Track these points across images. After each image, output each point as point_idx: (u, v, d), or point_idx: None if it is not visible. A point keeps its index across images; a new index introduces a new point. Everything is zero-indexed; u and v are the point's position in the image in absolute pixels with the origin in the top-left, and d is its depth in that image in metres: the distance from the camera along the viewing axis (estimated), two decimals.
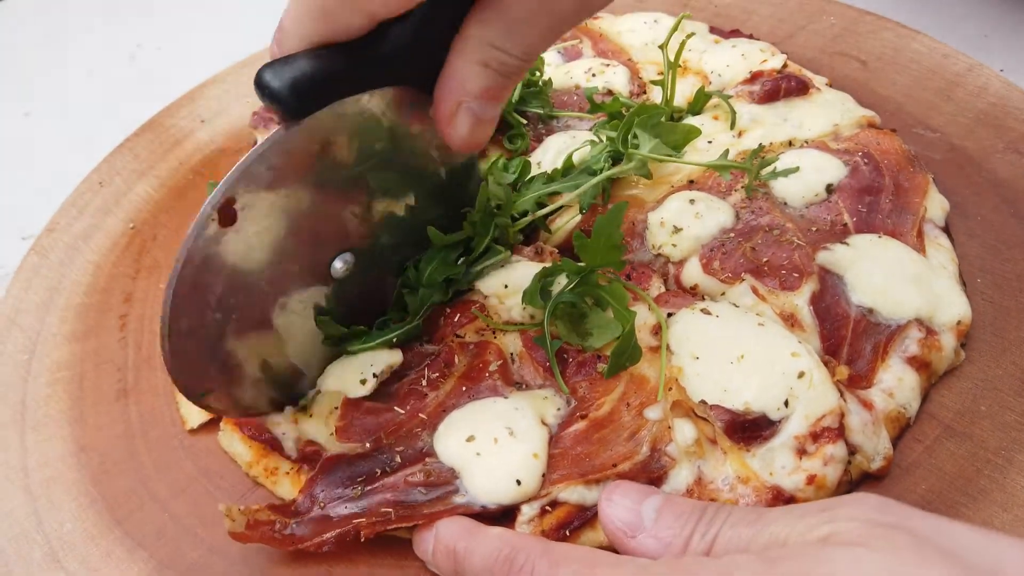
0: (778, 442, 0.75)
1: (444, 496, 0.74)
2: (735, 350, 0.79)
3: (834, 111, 1.07)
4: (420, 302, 0.86)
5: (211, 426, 0.89)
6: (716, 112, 1.10)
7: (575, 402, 0.81)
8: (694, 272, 0.92)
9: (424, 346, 0.87)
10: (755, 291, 0.88)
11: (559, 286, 0.85)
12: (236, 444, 0.85)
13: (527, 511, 0.73)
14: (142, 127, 1.27)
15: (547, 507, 0.74)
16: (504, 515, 0.74)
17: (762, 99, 1.09)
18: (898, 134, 1.05)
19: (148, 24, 1.71)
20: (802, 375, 0.77)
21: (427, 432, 0.79)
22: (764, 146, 1.02)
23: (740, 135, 1.06)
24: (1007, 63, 1.24)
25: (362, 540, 0.73)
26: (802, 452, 0.75)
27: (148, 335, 1.00)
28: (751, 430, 0.76)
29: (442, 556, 0.70)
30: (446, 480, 0.75)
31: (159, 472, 0.86)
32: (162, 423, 0.91)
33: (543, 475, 0.75)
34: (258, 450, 0.84)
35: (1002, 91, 1.12)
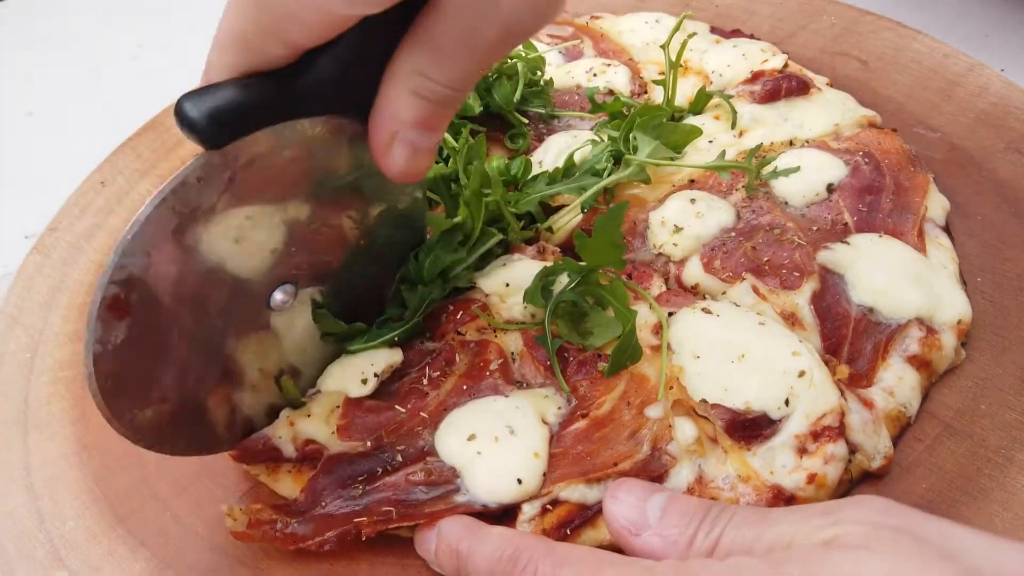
0: (779, 441, 0.75)
1: (445, 495, 0.74)
2: (736, 349, 0.80)
3: (835, 111, 1.07)
4: (420, 299, 0.86)
5: None
6: (717, 112, 1.10)
7: (576, 401, 0.81)
8: (695, 271, 0.92)
9: (425, 344, 0.87)
10: (756, 290, 0.88)
11: (560, 285, 0.85)
12: None
13: (528, 510, 0.73)
14: (144, 127, 1.27)
15: (548, 506, 0.74)
16: (505, 514, 0.74)
17: (763, 99, 1.09)
18: (899, 134, 1.05)
19: (150, 24, 1.71)
20: (803, 374, 0.77)
21: (428, 431, 0.79)
22: (763, 145, 1.02)
23: (741, 135, 1.06)
24: (1008, 63, 1.24)
25: (363, 539, 0.73)
26: (803, 451, 0.75)
27: None
28: (752, 429, 0.76)
29: (445, 555, 0.70)
30: (447, 479, 0.75)
31: (161, 471, 0.86)
32: None
33: (544, 474, 0.75)
34: None
35: (1003, 91, 1.12)
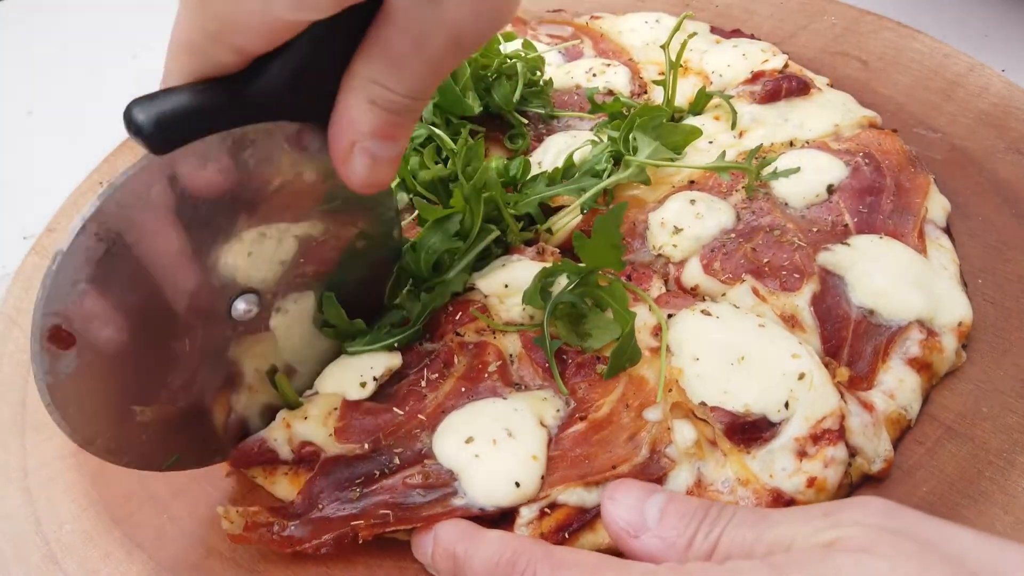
0: (778, 444, 0.75)
1: (443, 498, 0.74)
2: (735, 351, 0.79)
3: (835, 111, 1.07)
4: (423, 307, 0.86)
5: None
6: (717, 112, 1.09)
7: (574, 403, 0.80)
8: (695, 273, 0.92)
9: (424, 345, 0.87)
10: (756, 292, 0.87)
11: (559, 286, 0.85)
12: None
13: (526, 513, 0.73)
14: None
15: (546, 509, 0.73)
16: (503, 517, 0.73)
17: (763, 99, 1.08)
18: (899, 134, 1.05)
19: (150, 23, 1.70)
20: (802, 377, 0.77)
21: (426, 433, 0.78)
22: (763, 146, 1.02)
23: (741, 135, 1.06)
24: (1008, 63, 1.23)
25: (360, 542, 0.73)
26: (802, 454, 0.75)
27: None
28: (751, 432, 0.76)
29: (442, 559, 0.70)
30: (444, 482, 0.74)
31: (158, 473, 0.85)
32: None
33: (542, 477, 0.74)
34: None
35: (1003, 91, 1.11)
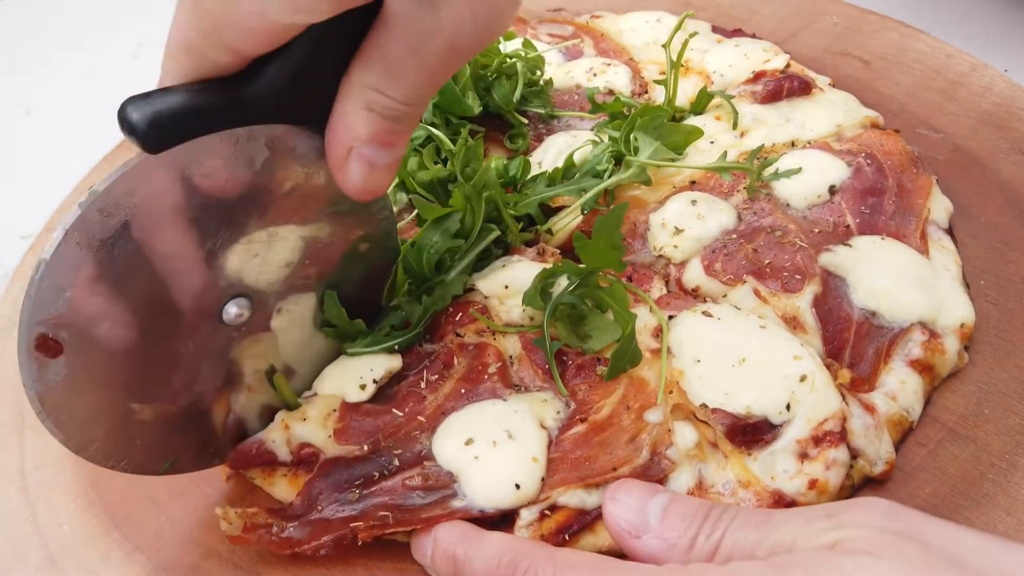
0: (780, 446, 0.75)
1: (442, 500, 0.73)
2: (736, 353, 0.79)
3: (837, 111, 1.06)
4: (424, 311, 0.85)
5: None
6: (718, 112, 1.09)
7: (574, 405, 0.80)
8: (696, 274, 0.91)
9: (423, 346, 0.87)
10: (757, 293, 0.87)
11: (559, 287, 0.85)
12: None
13: (526, 515, 0.73)
14: None
15: (546, 511, 0.73)
16: (503, 519, 0.73)
17: (765, 99, 1.08)
18: (901, 135, 1.05)
19: (149, 23, 1.70)
20: (804, 378, 0.77)
21: (426, 435, 0.78)
22: (764, 146, 1.02)
23: (742, 135, 1.05)
24: (1011, 63, 1.23)
25: (360, 543, 0.72)
26: (804, 456, 0.74)
27: None
28: (752, 434, 0.75)
29: (441, 561, 0.69)
30: (444, 484, 0.74)
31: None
32: None
33: (542, 479, 0.74)
34: None
35: (1006, 91, 1.11)
